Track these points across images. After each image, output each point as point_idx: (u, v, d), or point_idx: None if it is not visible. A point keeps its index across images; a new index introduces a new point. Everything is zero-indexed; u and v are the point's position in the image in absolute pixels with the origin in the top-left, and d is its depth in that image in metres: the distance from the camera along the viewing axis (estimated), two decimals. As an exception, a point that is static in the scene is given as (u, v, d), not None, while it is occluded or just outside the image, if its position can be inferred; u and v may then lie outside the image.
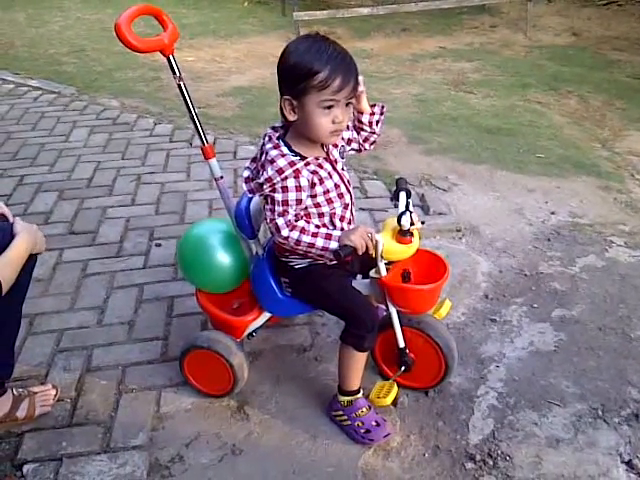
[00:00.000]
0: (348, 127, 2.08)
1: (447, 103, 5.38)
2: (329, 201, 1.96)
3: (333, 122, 1.82)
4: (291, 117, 1.85)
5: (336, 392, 2.17)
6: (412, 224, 1.96)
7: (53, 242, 3.25)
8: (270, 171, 1.85)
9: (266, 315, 2.28)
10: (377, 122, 2.09)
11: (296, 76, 1.77)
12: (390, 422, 2.15)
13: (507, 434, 2.11)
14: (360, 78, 1.89)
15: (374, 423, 2.09)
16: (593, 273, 2.95)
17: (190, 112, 2.14)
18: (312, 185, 1.90)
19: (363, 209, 3.45)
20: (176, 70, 2.08)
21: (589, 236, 3.26)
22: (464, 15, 8.21)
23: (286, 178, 1.84)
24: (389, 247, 1.97)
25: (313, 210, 1.96)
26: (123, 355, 2.51)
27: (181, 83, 2.10)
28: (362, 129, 2.10)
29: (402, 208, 2.01)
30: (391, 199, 2.14)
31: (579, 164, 4.15)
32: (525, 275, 2.95)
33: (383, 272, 2.03)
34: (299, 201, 1.88)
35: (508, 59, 6.69)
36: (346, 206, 2.03)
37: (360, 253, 1.89)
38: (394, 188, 2.12)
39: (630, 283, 2.86)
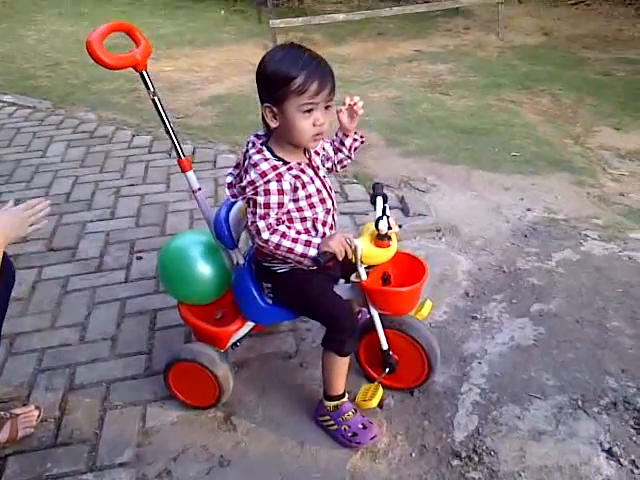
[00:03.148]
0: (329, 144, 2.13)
1: (424, 105, 5.43)
2: (311, 206, 1.99)
3: (314, 125, 1.86)
4: (273, 124, 1.88)
5: (322, 397, 2.19)
6: (390, 228, 1.99)
7: (32, 260, 3.26)
8: (253, 174, 1.88)
9: (249, 324, 2.29)
10: (355, 148, 2.15)
11: (274, 83, 1.82)
12: (377, 424, 2.17)
13: (491, 429, 2.14)
14: (356, 99, 1.98)
15: (361, 426, 2.12)
16: (569, 267, 3.00)
17: (165, 126, 2.16)
18: (294, 189, 1.93)
19: (344, 213, 3.48)
20: (150, 85, 2.10)
21: (564, 231, 3.32)
22: (438, 18, 8.29)
23: (269, 181, 1.87)
24: (368, 251, 2.00)
25: (296, 214, 1.99)
26: (107, 371, 2.50)
27: (155, 98, 2.11)
28: (341, 151, 2.14)
29: (379, 213, 2.04)
30: (371, 202, 2.17)
31: (553, 161, 4.21)
32: (504, 272, 3.00)
33: (363, 276, 2.06)
34: (281, 204, 1.90)
35: (482, 60, 6.77)
36: (328, 211, 2.06)
37: (340, 259, 1.92)
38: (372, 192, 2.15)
39: (605, 275, 2.92)
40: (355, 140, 2.13)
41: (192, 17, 8.96)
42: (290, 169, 1.92)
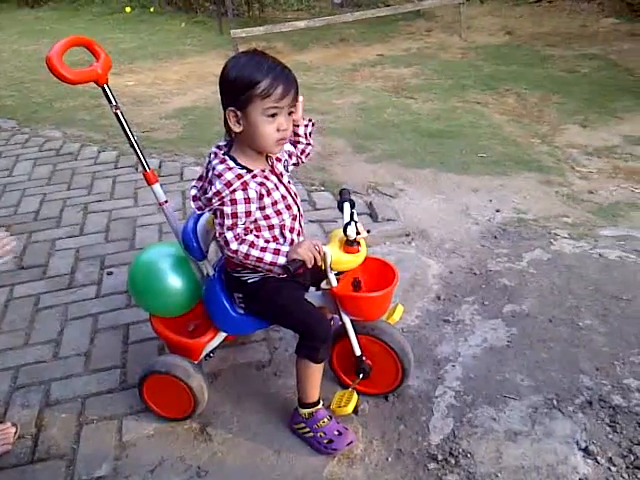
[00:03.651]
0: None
1: (389, 110, 5.47)
2: (277, 212, 1.99)
3: (278, 130, 1.87)
4: (236, 128, 1.88)
5: (297, 405, 2.19)
6: (358, 233, 2.00)
7: (3, 278, 3.22)
8: (218, 185, 1.87)
9: (222, 335, 2.28)
10: (310, 134, 2.16)
11: (239, 87, 1.82)
12: (352, 430, 2.17)
13: (467, 432, 2.15)
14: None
15: (336, 432, 2.12)
16: (540, 267, 3.03)
17: (129, 139, 2.15)
18: (260, 197, 1.93)
19: (312, 221, 3.49)
20: (112, 99, 2.09)
21: (534, 230, 3.36)
22: (400, 22, 8.35)
23: (234, 191, 1.87)
24: (337, 258, 2.01)
25: (263, 222, 1.99)
26: (82, 387, 2.48)
27: (118, 112, 2.10)
28: (298, 142, 2.15)
29: (347, 219, 2.05)
30: (339, 209, 2.18)
31: (520, 161, 4.26)
32: (475, 274, 3.02)
33: (334, 282, 2.06)
34: (248, 213, 1.91)
35: (445, 62, 6.83)
36: (294, 217, 2.07)
37: (309, 266, 1.92)
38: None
39: (576, 273, 2.95)
40: (306, 126, 2.15)
41: (153, 31, 8.93)
42: (254, 177, 1.92)
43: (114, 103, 2.09)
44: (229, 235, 1.91)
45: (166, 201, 2.21)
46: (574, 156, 4.38)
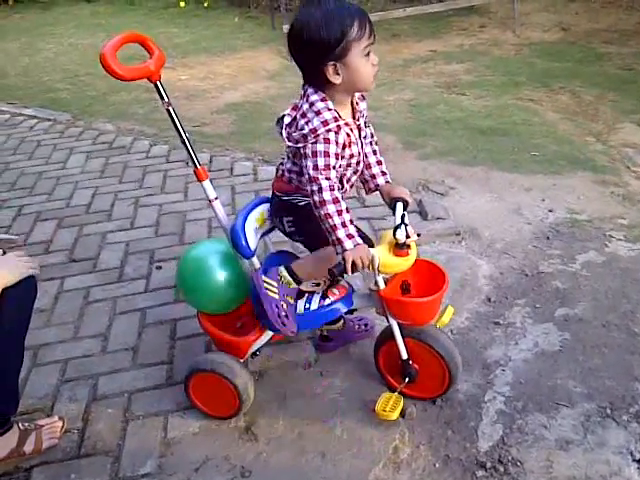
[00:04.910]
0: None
1: (440, 106, 5.38)
2: (348, 165, 2.02)
3: (372, 65, 1.90)
4: (337, 80, 1.88)
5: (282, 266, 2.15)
6: (408, 237, 1.97)
7: (54, 271, 3.28)
8: (316, 122, 1.88)
9: (269, 333, 2.27)
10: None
11: (333, 41, 1.82)
12: (399, 434, 2.14)
13: (516, 439, 2.10)
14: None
15: (289, 317, 2.09)
16: (594, 269, 2.95)
17: (180, 136, 2.16)
18: (343, 146, 1.94)
19: (361, 218, 3.45)
20: (164, 95, 2.10)
21: (588, 232, 3.26)
22: (452, 17, 8.21)
23: (329, 131, 1.88)
24: (386, 261, 1.98)
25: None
26: (128, 382, 2.50)
27: (169, 108, 2.11)
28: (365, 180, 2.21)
29: (398, 220, 2.01)
30: (390, 208, 2.15)
31: (574, 160, 4.14)
32: (526, 275, 2.95)
33: (381, 285, 2.04)
34: (337, 155, 1.92)
35: (498, 58, 6.69)
36: (356, 172, 2.10)
37: (358, 270, 1.91)
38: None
39: (631, 277, 2.86)
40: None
41: (207, 25, 8.98)
42: (346, 124, 1.94)
43: (166, 100, 2.10)
44: (324, 183, 1.89)
45: (216, 198, 2.22)
46: (630, 155, 4.23)
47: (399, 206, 2.09)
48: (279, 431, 2.23)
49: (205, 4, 9.84)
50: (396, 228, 1.97)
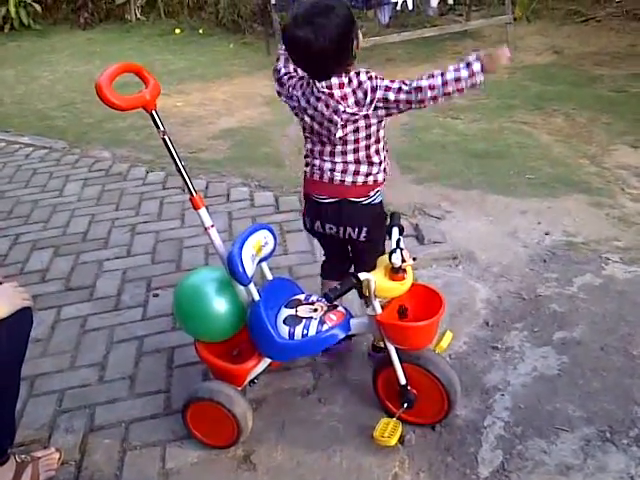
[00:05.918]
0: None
1: (435, 130, 5.41)
2: None
3: None
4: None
5: None
6: (404, 261, 1.97)
7: (50, 300, 3.27)
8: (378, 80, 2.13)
9: (267, 361, 2.27)
10: None
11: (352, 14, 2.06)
12: (398, 461, 2.13)
13: (517, 465, 2.09)
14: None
15: None
16: (591, 292, 2.95)
17: (176, 164, 2.17)
18: None
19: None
20: (160, 125, 2.11)
21: (584, 254, 3.27)
22: (447, 41, 8.28)
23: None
24: (382, 285, 1.98)
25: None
26: (126, 411, 2.49)
27: (165, 137, 2.13)
28: None
29: (393, 245, 2.02)
30: (386, 232, 2.15)
31: (569, 182, 4.16)
32: (524, 299, 2.95)
33: (378, 310, 2.04)
34: None
35: (492, 82, 6.71)
36: None
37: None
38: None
39: (629, 300, 2.86)
40: None
41: (202, 52, 9.04)
42: None
43: (162, 129, 2.11)
44: (413, 96, 2.13)
45: (212, 225, 2.22)
46: (624, 177, 4.25)
47: (395, 231, 2.09)
48: (278, 460, 2.21)
49: (200, 31, 9.91)
50: (392, 252, 1.98)
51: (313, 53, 2.00)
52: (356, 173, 2.21)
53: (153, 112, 2.10)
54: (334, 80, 2.07)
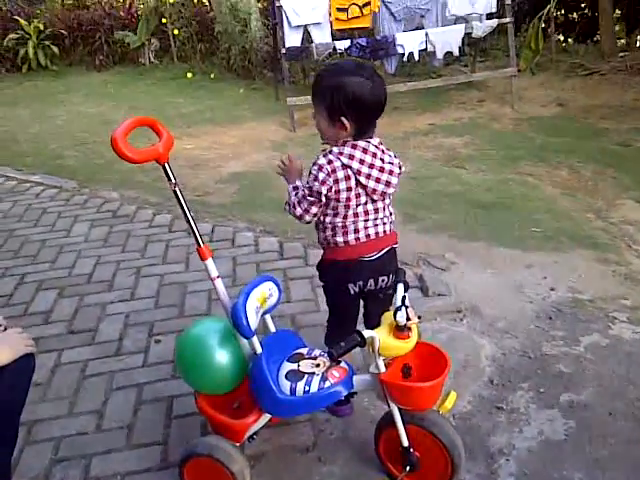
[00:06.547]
0: None
1: (440, 179, 5.44)
2: None
3: None
4: None
5: None
6: (408, 319, 1.95)
7: (52, 343, 3.25)
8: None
9: (267, 416, 2.24)
10: None
11: None
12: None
13: (521, 533, 2.04)
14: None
15: None
16: (598, 352, 2.91)
17: (185, 215, 2.18)
18: None
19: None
20: (171, 177, 2.13)
21: (591, 313, 3.24)
22: (452, 91, 8.38)
23: None
24: (386, 343, 1.96)
25: None
26: (121, 463, 2.45)
27: (176, 189, 2.14)
28: None
29: (398, 303, 2.00)
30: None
31: (575, 236, 4.16)
32: (529, 357, 2.92)
33: (382, 368, 2.01)
34: None
35: (497, 132, 6.80)
36: None
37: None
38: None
39: (637, 362, 2.82)
40: None
41: (212, 96, 9.17)
42: None
43: (173, 181, 2.13)
44: None
45: (218, 276, 2.22)
46: (631, 233, 4.24)
47: (400, 287, 2.08)
48: (276, 519, 2.17)
49: (211, 75, 10.07)
50: (397, 310, 1.96)
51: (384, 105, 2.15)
52: (392, 221, 2.31)
53: (165, 165, 2.12)
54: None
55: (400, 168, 2.23)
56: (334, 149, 2.15)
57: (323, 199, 2.15)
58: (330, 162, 2.12)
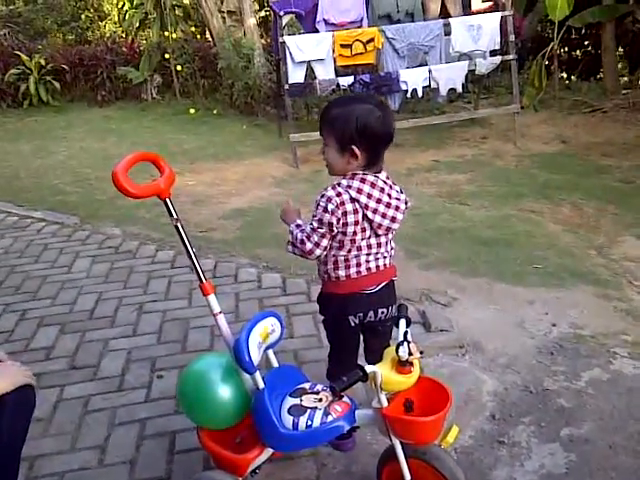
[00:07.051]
0: None
1: (443, 216, 5.48)
2: None
3: None
4: None
5: None
6: (411, 354, 1.97)
7: (54, 379, 3.25)
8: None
9: (269, 450, 2.23)
10: None
11: None
12: None
13: None
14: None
15: None
16: (599, 387, 2.92)
17: (188, 251, 2.20)
18: None
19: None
20: (173, 212, 2.16)
21: (592, 348, 3.25)
22: (455, 128, 8.49)
23: None
24: (388, 378, 1.97)
25: None
26: (123, 500, 2.44)
27: (178, 224, 2.17)
28: None
29: (400, 337, 2.02)
30: (393, 323, 2.16)
31: (577, 273, 4.18)
32: (531, 392, 2.92)
33: (384, 403, 2.02)
34: None
35: (500, 169, 6.86)
36: None
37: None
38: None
39: (637, 397, 2.82)
40: None
41: (215, 132, 9.28)
42: None
43: (175, 216, 2.16)
44: None
45: (220, 312, 2.24)
46: (632, 269, 4.26)
47: (402, 323, 2.10)
48: None
49: (214, 111, 10.21)
50: (399, 345, 1.98)
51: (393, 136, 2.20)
52: (392, 255, 2.34)
53: (167, 200, 2.15)
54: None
55: (406, 204, 2.27)
56: (342, 181, 2.18)
57: (335, 229, 2.16)
58: (339, 194, 2.15)
